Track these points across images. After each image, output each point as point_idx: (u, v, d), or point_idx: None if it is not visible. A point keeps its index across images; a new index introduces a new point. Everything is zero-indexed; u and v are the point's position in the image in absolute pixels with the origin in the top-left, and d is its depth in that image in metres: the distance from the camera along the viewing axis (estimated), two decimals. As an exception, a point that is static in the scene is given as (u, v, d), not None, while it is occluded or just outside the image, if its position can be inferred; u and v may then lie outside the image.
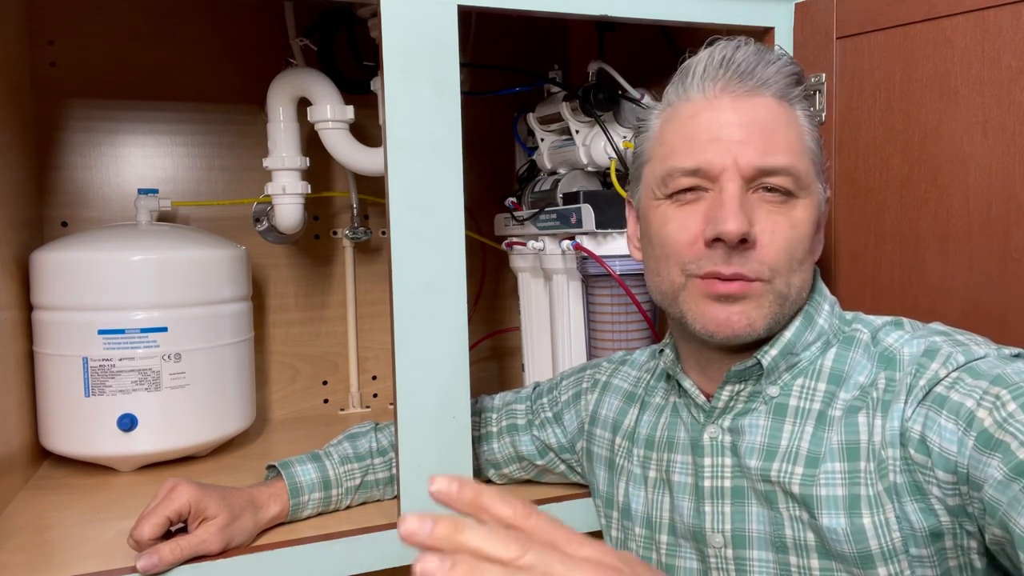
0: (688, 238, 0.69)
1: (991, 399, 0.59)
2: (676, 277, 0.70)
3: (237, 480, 0.91)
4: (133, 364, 1.03)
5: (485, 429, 0.95)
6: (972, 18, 0.82)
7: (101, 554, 0.80)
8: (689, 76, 0.71)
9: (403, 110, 0.82)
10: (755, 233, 0.67)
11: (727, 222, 0.65)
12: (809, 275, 0.71)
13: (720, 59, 0.69)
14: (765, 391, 0.71)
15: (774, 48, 0.71)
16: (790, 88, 0.70)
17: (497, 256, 1.44)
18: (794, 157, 0.68)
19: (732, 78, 0.69)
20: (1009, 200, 0.80)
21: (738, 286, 0.67)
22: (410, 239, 0.83)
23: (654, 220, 0.73)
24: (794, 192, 0.68)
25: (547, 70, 1.22)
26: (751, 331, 0.68)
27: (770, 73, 0.69)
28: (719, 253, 0.67)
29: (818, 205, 0.71)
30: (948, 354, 0.64)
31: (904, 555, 0.62)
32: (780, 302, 0.68)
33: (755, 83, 0.69)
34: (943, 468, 0.60)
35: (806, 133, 0.71)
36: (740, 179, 0.67)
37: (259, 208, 1.30)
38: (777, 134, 0.68)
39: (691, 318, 0.70)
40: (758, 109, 0.69)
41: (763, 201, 0.68)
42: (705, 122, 0.69)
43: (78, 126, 1.24)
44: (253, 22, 1.32)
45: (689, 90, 0.71)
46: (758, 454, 0.70)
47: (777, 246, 0.67)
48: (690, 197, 0.70)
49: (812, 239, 0.70)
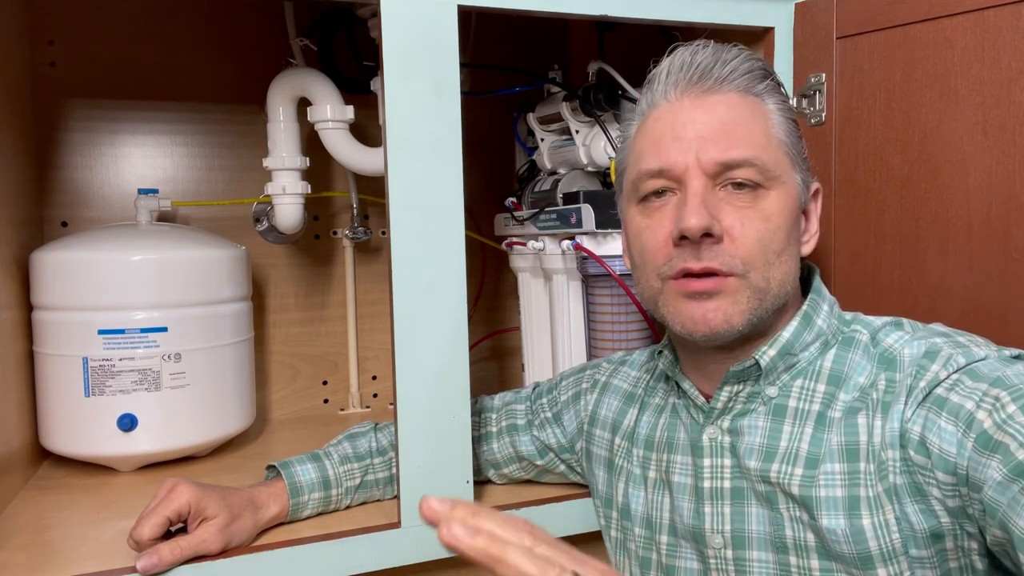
0: (659, 242, 0.70)
1: (991, 401, 0.59)
2: (654, 282, 0.71)
3: (237, 480, 0.91)
4: (133, 364, 1.03)
5: (485, 429, 0.95)
6: (972, 18, 0.82)
7: (101, 554, 0.80)
8: (655, 83, 0.72)
9: (403, 110, 0.82)
10: (723, 227, 0.67)
11: (689, 218, 0.66)
12: (792, 268, 0.71)
13: (680, 63, 0.71)
14: (764, 392, 0.71)
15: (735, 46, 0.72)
16: (754, 82, 0.71)
17: (497, 256, 1.44)
18: (758, 149, 0.68)
19: (692, 80, 0.70)
20: (1009, 200, 0.80)
21: (712, 282, 0.68)
22: (410, 239, 0.83)
23: (631, 229, 0.74)
24: (762, 184, 0.68)
25: (547, 70, 1.22)
26: (729, 327, 0.68)
27: (727, 71, 0.70)
28: (687, 251, 0.68)
29: (795, 196, 0.71)
30: (949, 356, 0.64)
31: (904, 556, 0.62)
32: (759, 296, 0.68)
33: (714, 81, 0.70)
34: (943, 469, 0.60)
35: (775, 125, 0.71)
36: (704, 176, 0.68)
37: (259, 208, 1.30)
38: (739, 128, 0.69)
39: (671, 319, 0.70)
40: (719, 106, 0.69)
41: (731, 196, 0.68)
42: (668, 124, 0.70)
43: (78, 126, 1.24)
44: (253, 22, 1.32)
45: (655, 95, 0.72)
46: (757, 455, 0.70)
47: (748, 238, 0.67)
48: (658, 203, 0.71)
49: (789, 230, 0.70)
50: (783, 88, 0.74)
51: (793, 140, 0.72)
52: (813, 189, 0.75)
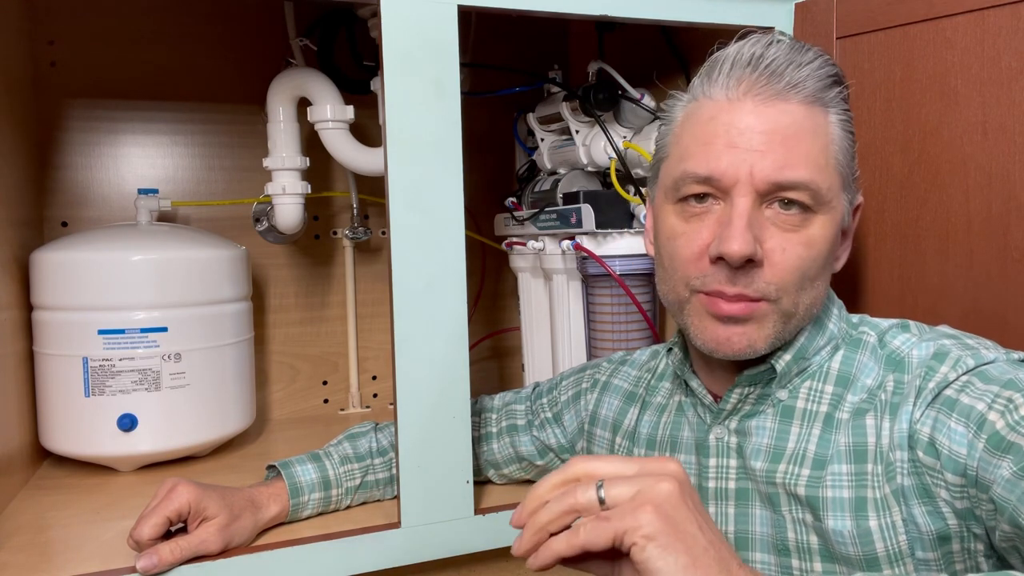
0: (693, 253, 0.67)
1: (1003, 402, 0.58)
2: (682, 291, 0.69)
3: (237, 480, 0.92)
4: (133, 364, 1.03)
5: (485, 429, 0.95)
6: (972, 18, 0.82)
7: (101, 554, 0.80)
8: (716, 71, 0.67)
9: (403, 110, 0.82)
10: (764, 251, 0.64)
11: (732, 242, 0.62)
12: (821, 291, 0.69)
13: (749, 56, 0.65)
14: (774, 394, 0.71)
15: (811, 46, 0.66)
16: (824, 91, 0.66)
17: (497, 256, 1.44)
18: (816, 171, 0.64)
19: (759, 79, 0.64)
20: (1009, 200, 0.80)
21: (741, 307, 0.65)
22: (410, 239, 0.83)
23: (664, 228, 0.70)
24: (812, 208, 0.65)
25: (547, 70, 1.22)
26: (751, 351, 0.67)
27: (802, 76, 0.64)
28: (723, 272, 0.65)
29: (840, 219, 0.68)
30: (958, 357, 0.64)
31: (910, 558, 0.62)
32: (784, 321, 0.66)
33: (783, 86, 0.64)
34: (952, 470, 0.60)
35: (834, 143, 0.66)
36: (753, 193, 0.64)
37: (259, 208, 1.30)
38: (800, 146, 0.64)
39: (693, 332, 0.69)
40: (782, 116, 0.64)
41: (777, 217, 0.65)
42: (723, 126, 0.65)
43: (78, 126, 1.24)
44: (253, 22, 1.32)
45: (713, 87, 0.66)
46: (764, 456, 0.69)
47: (788, 265, 0.64)
48: (698, 209, 0.66)
49: (828, 255, 0.67)
50: (848, 97, 0.69)
51: (848, 159, 0.68)
52: (856, 204, 0.72)
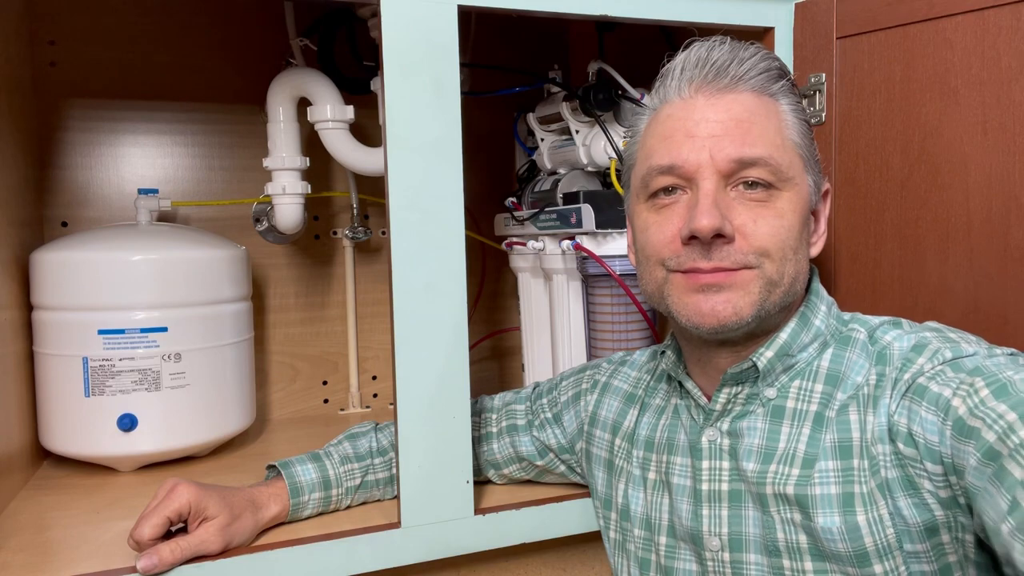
0: (667, 236, 0.69)
1: (966, 387, 0.59)
2: (658, 272, 0.70)
3: (237, 480, 0.92)
4: (133, 364, 1.03)
5: (485, 429, 0.95)
6: (972, 18, 0.82)
7: (101, 554, 0.80)
8: (668, 78, 0.71)
9: (403, 110, 0.82)
10: (735, 227, 0.67)
11: (700, 218, 0.65)
12: (803, 268, 0.70)
13: (695, 59, 0.70)
14: (762, 393, 0.71)
15: (751, 43, 0.71)
16: (770, 82, 0.70)
17: (497, 256, 1.44)
18: (773, 148, 0.68)
19: (707, 77, 0.69)
20: (1009, 200, 0.80)
21: (723, 275, 0.67)
22: (410, 239, 0.83)
23: (638, 225, 0.73)
24: (775, 184, 0.68)
25: (547, 70, 1.22)
26: (738, 319, 0.67)
27: (745, 68, 0.69)
28: (696, 250, 0.67)
29: (806, 197, 0.71)
30: (936, 349, 0.65)
31: (899, 551, 0.63)
32: (769, 288, 0.67)
33: (729, 80, 0.69)
34: (931, 460, 0.61)
35: (789, 126, 0.70)
36: (716, 175, 0.67)
37: (259, 208, 1.30)
38: (754, 127, 0.68)
39: (676, 311, 0.70)
40: (734, 104, 0.68)
41: (742, 196, 0.68)
42: (680, 121, 0.69)
43: (78, 126, 1.24)
44: (253, 22, 1.32)
45: (668, 91, 0.71)
46: (755, 456, 0.70)
47: (762, 233, 0.67)
48: (667, 201, 0.70)
49: (801, 230, 0.69)
50: (797, 89, 0.73)
51: (806, 142, 0.71)
52: (823, 190, 0.74)
